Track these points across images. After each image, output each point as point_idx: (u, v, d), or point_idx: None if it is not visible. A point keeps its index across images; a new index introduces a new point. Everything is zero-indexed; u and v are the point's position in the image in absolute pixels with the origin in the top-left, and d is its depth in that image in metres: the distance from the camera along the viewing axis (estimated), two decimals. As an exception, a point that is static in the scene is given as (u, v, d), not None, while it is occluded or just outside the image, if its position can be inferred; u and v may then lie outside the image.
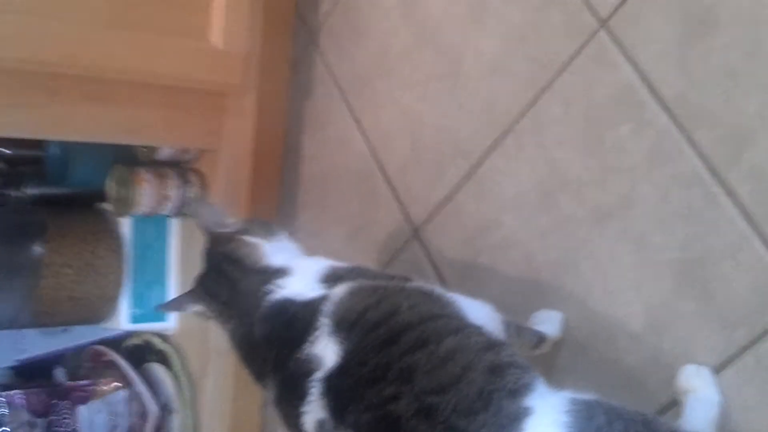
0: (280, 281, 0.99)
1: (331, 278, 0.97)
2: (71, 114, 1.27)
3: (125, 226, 1.54)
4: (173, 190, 1.49)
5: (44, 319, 1.48)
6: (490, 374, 0.79)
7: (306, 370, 0.86)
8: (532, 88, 1.18)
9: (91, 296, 1.48)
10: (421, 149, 1.37)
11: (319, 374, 0.85)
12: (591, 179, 1.10)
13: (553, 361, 1.12)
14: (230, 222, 1.12)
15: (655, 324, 1.02)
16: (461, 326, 0.87)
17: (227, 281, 1.04)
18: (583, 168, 1.11)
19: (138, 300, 1.52)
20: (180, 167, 1.54)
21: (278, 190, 1.63)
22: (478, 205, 1.26)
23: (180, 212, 1.51)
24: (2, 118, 1.22)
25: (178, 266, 1.56)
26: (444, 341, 0.82)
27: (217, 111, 1.44)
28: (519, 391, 0.78)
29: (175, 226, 1.57)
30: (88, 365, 1.58)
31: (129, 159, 1.52)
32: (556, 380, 0.83)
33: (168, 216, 1.54)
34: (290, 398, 0.87)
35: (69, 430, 1.51)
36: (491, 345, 0.84)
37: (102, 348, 1.55)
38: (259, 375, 0.96)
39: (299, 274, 1.01)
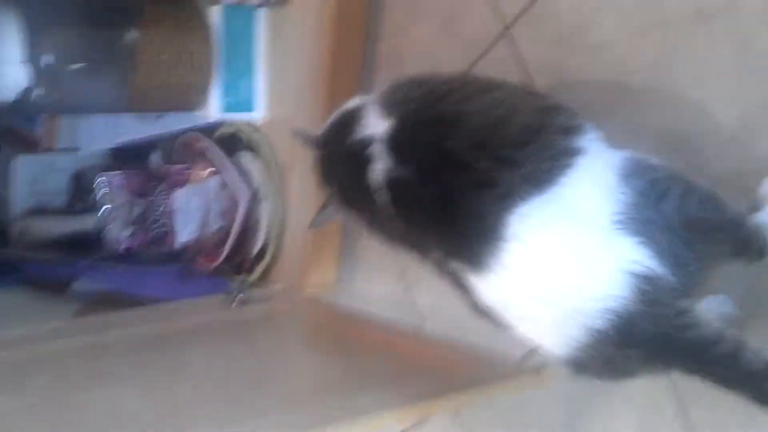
0: None
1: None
2: None
3: (215, 16, 1.54)
4: (264, -22, 1.48)
5: (139, 104, 1.52)
6: (539, 113, 0.85)
7: (362, 144, 0.91)
8: None
9: (184, 83, 1.51)
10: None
11: (376, 143, 0.90)
12: (698, -24, 1.05)
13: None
14: None
15: (749, 131, 1.01)
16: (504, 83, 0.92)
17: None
18: (691, -36, 1.06)
19: (229, 89, 1.55)
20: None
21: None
22: (574, 1, 1.22)
23: (267, 3, 1.51)
24: None
25: (267, 57, 1.57)
26: (490, 93, 0.88)
27: None
28: (570, 130, 0.83)
29: (262, 17, 1.57)
30: (182, 152, 1.64)
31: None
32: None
33: (256, 6, 1.54)
34: (355, 171, 0.93)
35: (167, 210, 1.60)
36: (538, 93, 0.92)
37: (196, 135, 1.60)
38: (325, 175, 1.04)
39: None
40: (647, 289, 0.73)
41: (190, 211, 1.61)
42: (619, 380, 0.84)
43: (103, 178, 1.62)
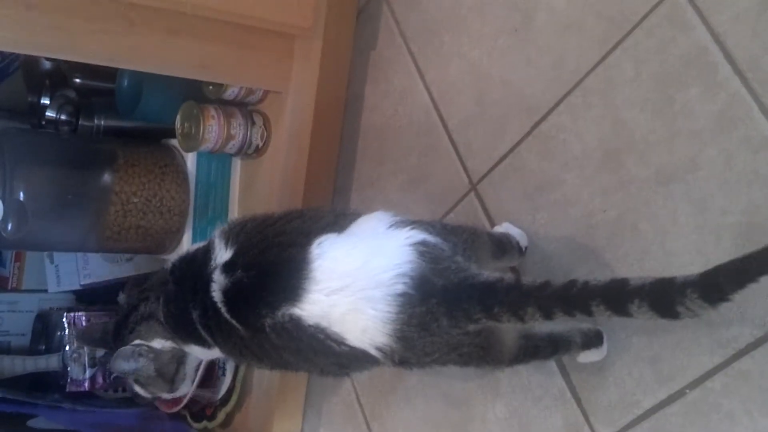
0: None
1: None
2: (147, 45, 1.31)
3: (190, 162, 1.58)
4: (238, 130, 1.52)
5: (110, 245, 1.52)
6: (333, 214, 1.07)
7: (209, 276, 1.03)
8: (603, 46, 1.18)
9: (156, 227, 1.52)
10: (485, 104, 1.37)
11: (218, 269, 1.03)
12: (657, 140, 1.10)
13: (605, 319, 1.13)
14: None
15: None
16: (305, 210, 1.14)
17: None
18: (649, 129, 1.12)
19: (200, 235, 1.56)
20: (246, 108, 1.57)
21: (339, 137, 1.65)
22: (540, 161, 1.27)
23: (243, 152, 1.55)
24: (81, 43, 1.26)
25: (239, 205, 1.60)
26: (297, 219, 1.07)
27: (286, 54, 1.46)
28: (353, 214, 1.04)
29: (237, 166, 1.60)
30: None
31: (197, 97, 1.55)
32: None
33: (231, 155, 1.57)
34: (207, 305, 1.03)
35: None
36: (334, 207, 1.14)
37: (164, 277, 1.59)
38: (180, 323, 1.11)
39: None
40: (426, 250, 0.94)
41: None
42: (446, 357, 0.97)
43: (64, 318, 1.60)
